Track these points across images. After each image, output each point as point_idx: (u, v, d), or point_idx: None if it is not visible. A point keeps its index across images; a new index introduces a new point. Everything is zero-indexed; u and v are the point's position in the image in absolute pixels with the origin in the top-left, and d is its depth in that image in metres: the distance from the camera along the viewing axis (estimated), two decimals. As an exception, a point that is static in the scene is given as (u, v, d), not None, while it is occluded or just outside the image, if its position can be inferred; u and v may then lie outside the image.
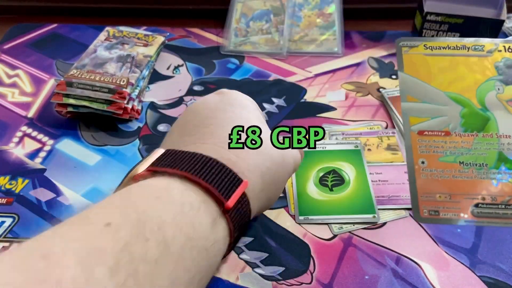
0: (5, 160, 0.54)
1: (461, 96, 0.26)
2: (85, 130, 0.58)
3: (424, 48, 0.27)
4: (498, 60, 0.27)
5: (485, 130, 0.26)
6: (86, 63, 0.60)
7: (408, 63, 0.27)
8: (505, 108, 0.26)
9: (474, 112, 0.26)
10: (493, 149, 0.25)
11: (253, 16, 0.74)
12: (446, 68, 0.26)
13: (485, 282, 0.43)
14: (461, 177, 0.25)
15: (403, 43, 0.27)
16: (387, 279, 0.43)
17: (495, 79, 0.26)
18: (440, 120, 0.26)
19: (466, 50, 0.27)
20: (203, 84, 0.65)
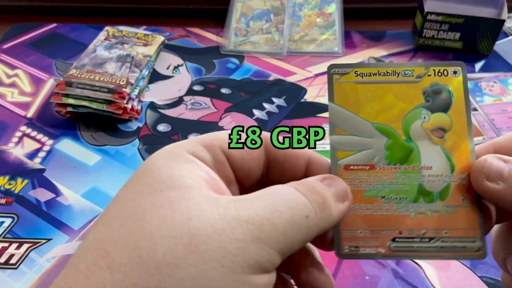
0: (4, 160, 0.54)
1: (388, 126, 0.25)
2: (85, 130, 0.58)
3: (355, 75, 0.26)
4: (427, 85, 0.26)
5: (408, 162, 0.25)
6: (86, 63, 0.60)
7: (338, 93, 0.26)
8: (429, 138, 0.25)
9: (399, 144, 0.25)
10: (414, 181, 0.25)
11: (253, 16, 0.73)
12: (375, 96, 0.26)
13: (486, 282, 0.43)
14: (381, 212, 0.25)
15: (334, 70, 0.26)
16: (388, 279, 0.43)
17: (422, 107, 0.26)
18: (365, 153, 0.25)
19: (396, 76, 0.26)
20: (203, 84, 0.65)
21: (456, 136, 0.26)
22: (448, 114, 0.26)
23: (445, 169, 0.25)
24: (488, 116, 0.60)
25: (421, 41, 0.70)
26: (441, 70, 0.26)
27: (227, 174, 0.24)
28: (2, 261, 0.44)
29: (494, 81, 0.65)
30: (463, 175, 0.25)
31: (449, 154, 0.25)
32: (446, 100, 0.26)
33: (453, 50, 0.70)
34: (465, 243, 0.25)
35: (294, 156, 0.25)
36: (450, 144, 0.25)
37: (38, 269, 0.44)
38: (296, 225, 0.20)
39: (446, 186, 0.25)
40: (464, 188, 0.25)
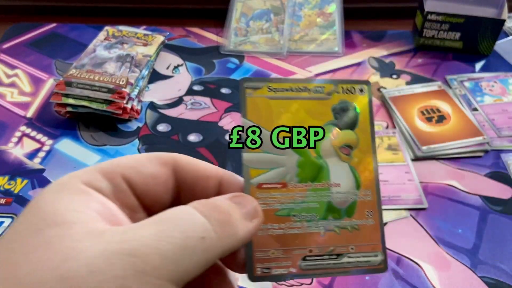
0: (4, 160, 0.54)
1: None
2: (85, 130, 0.58)
3: (268, 90, 0.26)
4: (335, 102, 0.26)
5: (318, 179, 0.25)
6: (85, 62, 0.60)
7: (251, 108, 0.25)
8: (337, 155, 0.26)
9: (310, 161, 0.25)
10: (323, 199, 0.25)
11: (253, 16, 0.73)
12: (287, 113, 0.26)
13: (486, 282, 0.43)
14: (293, 231, 0.25)
15: (247, 84, 0.25)
16: (388, 279, 0.43)
17: (331, 124, 0.26)
18: (278, 171, 0.25)
19: (308, 93, 0.26)
20: (202, 84, 0.65)
21: (362, 153, 0.26)
22: (354, 132, 0.26)
23: (351, 186, 0.26)
24: (488, 116, 0.60)
25: (421, 41, 0.70)
26: (348, 88, 0.26)
27: (131, 202, 0.23)
28: (2, 262, 0.44)
29: (494, 81, 0.65)
30: (367, 191, 0.26)
31: (355, 171, 0.26)
32: (353, 117, 0.26)
33: (454, 50, 0.70)
34: (369, 258, 0.25)
35: (203, 178, 0.24)
36: (356, 161, 0.26)
37: (37, 270, 0.44)
38: (189, 249, 0.19)
39: (353, 203, 0.26)
40: (368, 204, 0.26)
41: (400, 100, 0.61)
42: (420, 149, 0.55)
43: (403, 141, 0.56)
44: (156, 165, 0.24)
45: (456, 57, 0.70)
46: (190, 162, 0.25)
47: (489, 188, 0.51)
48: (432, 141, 0.55)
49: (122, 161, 0.23)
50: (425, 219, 0.48)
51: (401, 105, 0.60)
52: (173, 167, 0.24)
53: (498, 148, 0.56)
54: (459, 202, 0.50)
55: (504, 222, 0.48)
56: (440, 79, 0.65)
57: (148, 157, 0.24)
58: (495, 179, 0.52)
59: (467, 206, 0.50)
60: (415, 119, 0.58)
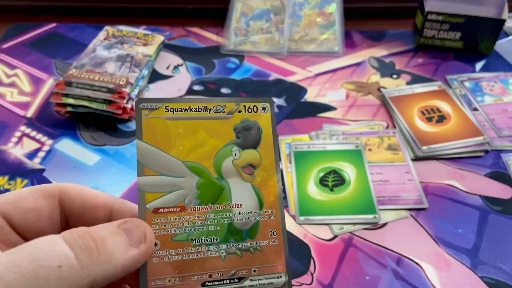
0: (4, 160, 0.54)
1: (199, 165, 0.25)
2: (84, 130, 0.58)
3: (165, 111, 0.24)
4: (237, 122, 0.25)
5: (219, 201, 0.24)
6: (85, 62, 0.60)
7: (147, 130, 0.24)
8: (239, 175, 0.25)
9: (210, 182, 0.24)
10: (224, 221, 0.24)
11: (253, 16, 0.73)
12: (186, 133, 0.25)
13: (486, 282, 0.43)
14: (191, 256, 0.24)
15: (143, 104, 0.24)
16: (388, 280, 0.43)
17: (233, 144, 0.25)
18: (176, 194, 0.24)
19: (208, 112, 0.25)
20: (202, 84, 0.65)
21: (265, 172, 0.26)
22: (257, 151, 0.26)
23: (254, 206, 0.25)
24: (488, 116, 0.60)
25: (422, 41, 0.70)
26: (251, 106, 0.26)
27: (11, 239, 0.22)
28: (2, 262, 0.44)
29: (494, 81, 0.65)
30: (271, 211, 0.25)
31: (258, 190, 0.25)
32: (256, 136, 0.26)
33: (454, 49, 0.70)
34: (272, 279, 0.25)
35: (91, 208, 0.24)
36: (259, 181, 0.25)
37: (37, 270, 0.44)
38: (41, 279, 0.18)
39: (255, 224, 0.25)
40: (272, 224, 0.25)
41: (400, 100, 0.61)
42: (420, 149, 0.55)
43: (403, 141, 0.56)
44: (38, 198, 0.23)
45: (457, 57, 0.69)
46: (78, 192, 0.24)
47: (489, 188, 0.51)
48: (432, 141, 0.55)
49: (2, 198, 0.22)
50: (425, 219, 0.48)
51: (401, 105, 0.60)
52: (59, 199, 0.24)
53: (498, 148, 0.56)
54: (459, 202, 0.50)
55: (504, 222, 0.48)
56: (440, 79, 0.65)
57: (30, 190, 0.23)
58: (495, 179, 0.52)
59: (467, 206, 0.50)
60: (415, 119, 0.58)
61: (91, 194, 0.24)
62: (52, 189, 0.24)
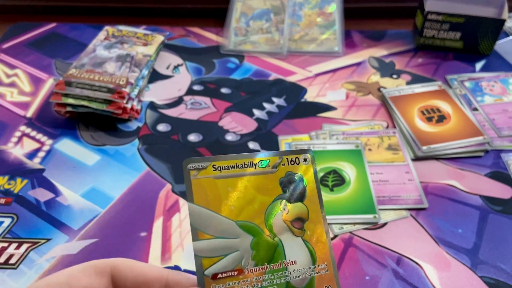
0: (3, 160, 0.54)
1: (252, 223, 0.24)
2: (84, 130, 0.58)
3: (213, 170, 0.24)
4: (282, 175, 0.25)
5: (274, 260, 0.24)
6: (85, 62, 0.60)
7: (198, 191, 0.23)
8: (290, 231, 0.24)
9: (263, 241, 0.24)
10: (282, 280, 0.24)
11: (253, 15, 0.73)
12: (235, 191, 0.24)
13: (486, 282, 0.43)
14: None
15: (191, 165, 0.24)
16: (388, 279, 0.43)
17: (280, 198, 0.25)
18: (233, 257, 0.23)
19: (254, 168, 0.25)
20: (202, 84, 0.65)
21: (313, 225, 0.25)
22: (304, 204, 0.25)
23: (307, 262, 0.24)
24: (488, 116, 0.60)
25: (422, 41, 0.70)
26: (293, 159, 0.26)
27: None
28: (2, 261, 0.44)
29: (494, 80, 0.65)
30: (323, 265, 0.25)
31: (309, 245, 0.25)
32: (301, 189, 0.25)
33: (454, 49, 0.70)
34: None
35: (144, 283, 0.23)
36: (309, 235, 0.25)
37: (37, 269, 0.44)
38: None
39: (311, 280, 0.24)
40: (326, 278, 0.25)
41: (400, 100, 0.61)
42: (420, 149, 0.55)
43: (403, 141, 0.56)
44: (91, 277, 0.23)
45: (457, 57, 0.69)
46: (130, 267, 0.24)
47: (489, 188, 0.51)
48: (432, 141, 0.55)
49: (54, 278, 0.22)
50: (425, 219, 0.48)
51: (401, 105, 0.60)
52: (112, 276, 0.23)
53: (498, 148, 0.56)
54: (459, 202, 0.50)
55: (504, 222, 0.48)
56: (440, 79, 0.65)
57: (82, 269, 0.23)
58: (495, 179, 0.52)
59: (467, 206, 0.50)
60: (415, 119, 0.58)
61: (144, 268, 0.24)
62: (104, 266, 0.23)
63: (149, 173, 0.53)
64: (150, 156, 0.55)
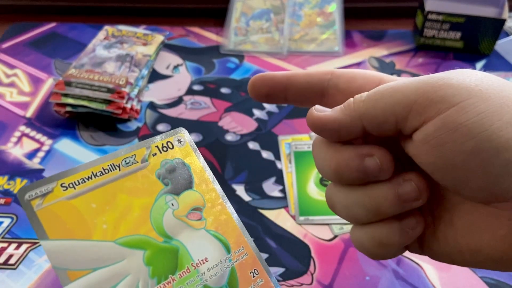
0: (3, 160, 0.54)
1: (136, 235, 0.19)
2: (84, 130, 0.58)
3: (63, 190, 0.19)
4: (158, 167, 0.21)
5: (180, 266, 0.20)
6: (85, 62, 0.60)
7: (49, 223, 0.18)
8: (188, 226, 0.20)
9: (158, 250, 0.19)
10: (197, 286, 0.20)
11: (253, 15, 0.73)
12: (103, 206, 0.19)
13: (487, 283, 0.43)
14: None
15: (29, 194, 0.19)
16: (388, 280, 0.43)
17: (164, 193, 0.21)
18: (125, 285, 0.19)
19: (118, 170, 0.20)
20: (202, 84, 0.65)
21: (213, 208, 0.21)
22: (194, 189, 0.22)
23: (220, 254, 0.21)
24: (489, 116, 0.59)
25: (422, 41, 0.70)
26: (164, 144, 0.23)
27: None
28: (1, 261, 0.44)
29: (495, 80, 0.64)
30: (240, 249, 0.21)
31: (216, 233, 0.21)
32: (185, 175, 0.22)
33: (454, 49, 0.70)
34: None
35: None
36: (212, 222, 0.21)
37: (37, 269, 0.44)
38: None
39: (231, 272, 0.21)
40: (248, 263, 0.21)
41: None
42: (421, 149, 0.54)
43: (403, 141, 0.56)
44: None
45: (457, 57, 0.69)
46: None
47: (489, 188, 0.51)
48: (433, 141, 0.55)
49: None
50: (426, 219, 0.48)
51: (402, 105, 0.60)
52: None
53: (499, 148, 0.56)
54: (459, 202, 0.50)
55: (505, 222, 0.48)
56: (440, 79, 0.65)
57: None
58: (495, 179, 0.52)
59: (467, 206, 0.50)
60: (416, 119, 0.58)
61: None
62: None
63: (149, 173, 0.53)
64: (150, 156, 0.55)
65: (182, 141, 0.23)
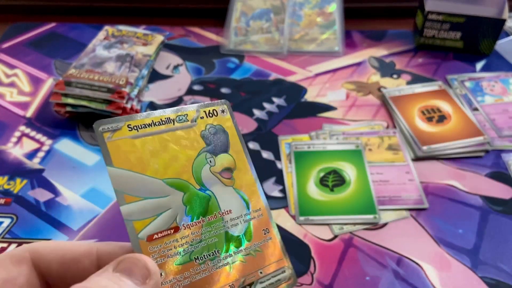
0: (3, 160, 0.54)
1: (180, 179, 0.23)
2: (84, 130, 0.58)
3: (129, 130, 0.23)
4: (203, 128, 0.25)
5: (209, 212, 0.24)
6: (85, 62, 0.60)
7: (116, 154, 0.22)
8: (220, 182, 0.25)
9: (195, 195, 0.24)
10: (220, 231, 0.24)
11: (253, 15, 0.73)
12: (157, 150, 0.23)
13: (487, 283, 0.43)
14: (200, 276, 0.23)
15: (103, 127, 0.22)
16: (388, 280, 0.43)
17: (205, 151, 0.25)
18: (166, 216, 0.23)
19: (172, 124, 0.24)
20: (202, 84, 0.65)
21: (241, 173, 0.26)
22: (229, 154, 0.26)
23: (242, 209, 0.25)
24: (489, 116, 0.59)
25: (422, 41, 0.70)
26: (211, 111, 0.26)
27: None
28: (1, 262, 0.44)
29: (495, 80, 0.65)
30: (257, 209, 0.25)
31: (241, 192, 0.25)
32: (223, 140, 0.26)
33: (454, 49, 0.70)
34: (278, 276, 0.25)
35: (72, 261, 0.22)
36: (239, 183, 0.25)
37: (37, 270, 0.44)
38: None
39: (248, 226, 0.25)
40: (262, 222, 0.25)
41: (401, 100, 0.61)
42: (421, 149, 0.54)
43: (403, 141, 0.56)
44: (8, 268, 0.21)
45: (457, 57, 0.69)
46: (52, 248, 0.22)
47: (489, 188, 0.51)
48: (433, 141, 0.55)
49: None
50: (426, 219, 0.48)
51: (402, 105, 0.60)
52: (33, 262, 0.21)
53: (499, 148, 0.56)
54: (459, 202, 0.50)
55: (505, 222, 0.48)
56: (440, 79, 0.65)
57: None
58: (495, 179, 0.52)
59: (467, 206, 0.50)
60: (416, 119, 0.58)
61: (67, 246, 0.22)
62: (21, 253, 0.21)
63: (149, 173, 0.53)
64: (150, 156, 0.55)
65: (225, 112, 0.26)
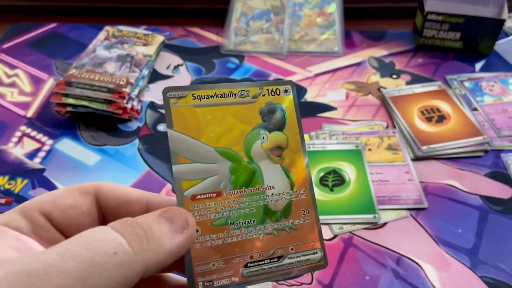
0: (4, 160, 0.54)
1: (230, 150, 0.25)
2: (85, 130, 0.58)
3: (193, 98, 0.25)
4: (262, 105, 0.26)
5: (252, 184, 0.25)
6: (86, 62, 0.60)
7: (177, 118, 0.25)
8: (269, 158, 0.26)
9: (242, 166, 0.25)
10: (259, 203, 0.25)
11: (253, 16, 0.73)
12: (214, 119, 0.25)
13: (486, 282, 0.43)
14: (232, 239, 0.24)
15: (170, 93, 0.25)
16: (388, 279, 0.43)
17: (260, 127, 0.26)
18: (211, 180, 0.25)
19: (233, 98, 0.26)
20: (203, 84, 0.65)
21: (293, 153, 0.26)
22: (283, 132, 0.26)
23: (285, 187, 0.26)
24: (488, 116, 0.60)
25: (422, 41, 0.70)
26: (273, 89, 0.27)
27: (52, 236, 0.23)
28: (2, 261, 0.44)
29: (494, 81, 0.65)
30: (301, 190, 0.26)
31: (288, 171, 0.26)
32: (281, 119, 0.26)
33: (454, 49, 0.70)
34: (309, 256, 0.26)
35: (126, 202, 0.25)
36: (288, 162, 0.26)
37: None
38: (99, 265, 0.18)
39: (288, 203, 0.26)
40: (303, 203, 0.26)
41: (400, 100, 0.61)
42: (420, 149, 0.55)
43: (403, 141, 0.56)
44: (75, 196, 0.24)
45: (456, 57, 0.69)
46: (112, 188, 0.25)
47: (489, 188, 0.51)
48: (432, 141, 0.55)
49: (41, 198, 0.23)
50: (425, 219, 0.48)
51: (401, 105, 0.60)
52: (95, 196, 0.24)
53: (498, 148, 0.56)
54: (459, 202, 0.50)
55: (504, 222, 0.48)
56: (440, 79, 0.65)
57: (67, 189, 0.24)
58: (495, 179, 0.52)
59: (467, 206, 0.50)
60: (415, 119, 0.58)
61: (125, 189, 0.25)
62: (88, 187, 0.24)
63: (150, 173, 0.53)
64: (151, 156, 0.55)
65: (288, 92, 0.27)
